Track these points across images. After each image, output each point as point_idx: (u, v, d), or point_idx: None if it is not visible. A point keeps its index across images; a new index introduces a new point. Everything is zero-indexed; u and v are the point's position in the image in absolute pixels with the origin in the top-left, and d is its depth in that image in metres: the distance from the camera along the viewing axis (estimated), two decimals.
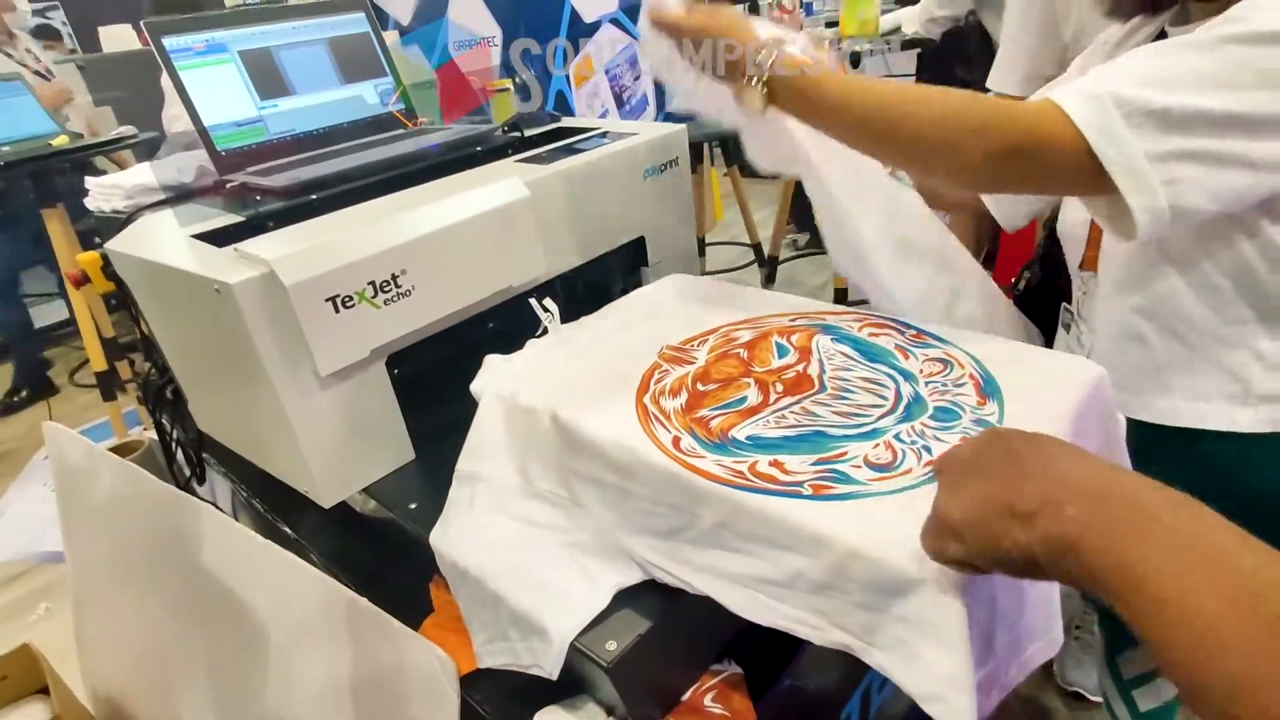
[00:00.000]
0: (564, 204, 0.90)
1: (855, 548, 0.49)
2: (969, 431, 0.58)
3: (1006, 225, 0.95)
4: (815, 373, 0.69)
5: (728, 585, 0.56)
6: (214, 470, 1.12)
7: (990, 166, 0.60)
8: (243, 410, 0.79)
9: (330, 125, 1.17)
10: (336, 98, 1.18)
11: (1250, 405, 0.69)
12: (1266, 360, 0.68)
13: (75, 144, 1.99)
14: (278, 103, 1.12)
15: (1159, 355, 0.71)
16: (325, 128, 1.16)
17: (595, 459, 0.63)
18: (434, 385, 0.84)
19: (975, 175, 0.63)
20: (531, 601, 0.61)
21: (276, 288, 0.66)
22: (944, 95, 0.61)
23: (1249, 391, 0.69)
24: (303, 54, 1.16)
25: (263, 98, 1.11)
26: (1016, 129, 0.58)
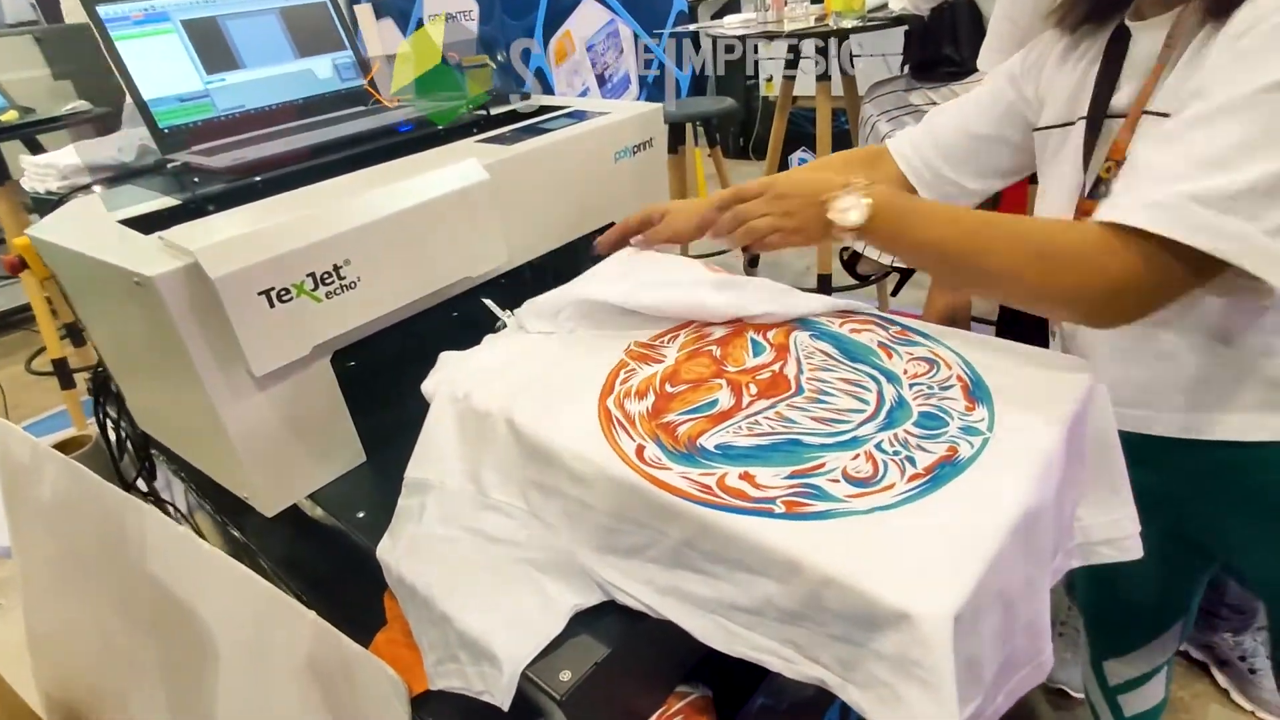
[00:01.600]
0: (528, 188, 0.84)
1: (831, 574, 0.44)
2: (957, 441, 0.53)
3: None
4: (792, 373, 0.64)
5: (693, 610, 0.51)
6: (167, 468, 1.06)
7: (1100, 309, 0.59)
8: (177, 411, 0.73)
9: (284, 101, 1.09)
10: (291, 72, 1.11)
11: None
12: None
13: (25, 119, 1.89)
14: (225, 77, 1.05)
15: (1189, 369, 0.67)
16: (278, 104, 1.09)
17: (553, 469, 0.58)
18: (388, 383, 0.78)
19: (1086, 317, 0.62)
20: (482, 624, 0.56)
21: (203, 280, 0.59)
22: (1021, 243, 0.60)
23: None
24: (253, 24, 1.08)
25: (209, 71, 1.04)
26: (1112, 268, 0.55)
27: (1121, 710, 0.95)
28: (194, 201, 0.79)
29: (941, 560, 0.43)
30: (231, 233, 0.64)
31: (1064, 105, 0.72)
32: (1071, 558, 0.61)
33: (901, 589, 0.42)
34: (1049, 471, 0.51)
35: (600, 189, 0.93)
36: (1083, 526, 0.60)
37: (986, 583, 0.43)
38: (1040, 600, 0.52)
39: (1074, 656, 1.28)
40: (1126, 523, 0.60)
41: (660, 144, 0.98)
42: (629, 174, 0.96)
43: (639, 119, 0.94)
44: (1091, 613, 0.95)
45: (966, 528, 0.46)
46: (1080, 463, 0.58)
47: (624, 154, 0.94)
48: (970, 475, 0.50)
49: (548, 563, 0.59)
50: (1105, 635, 0.93)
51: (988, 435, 0.54)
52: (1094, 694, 0.98)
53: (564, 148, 0.87)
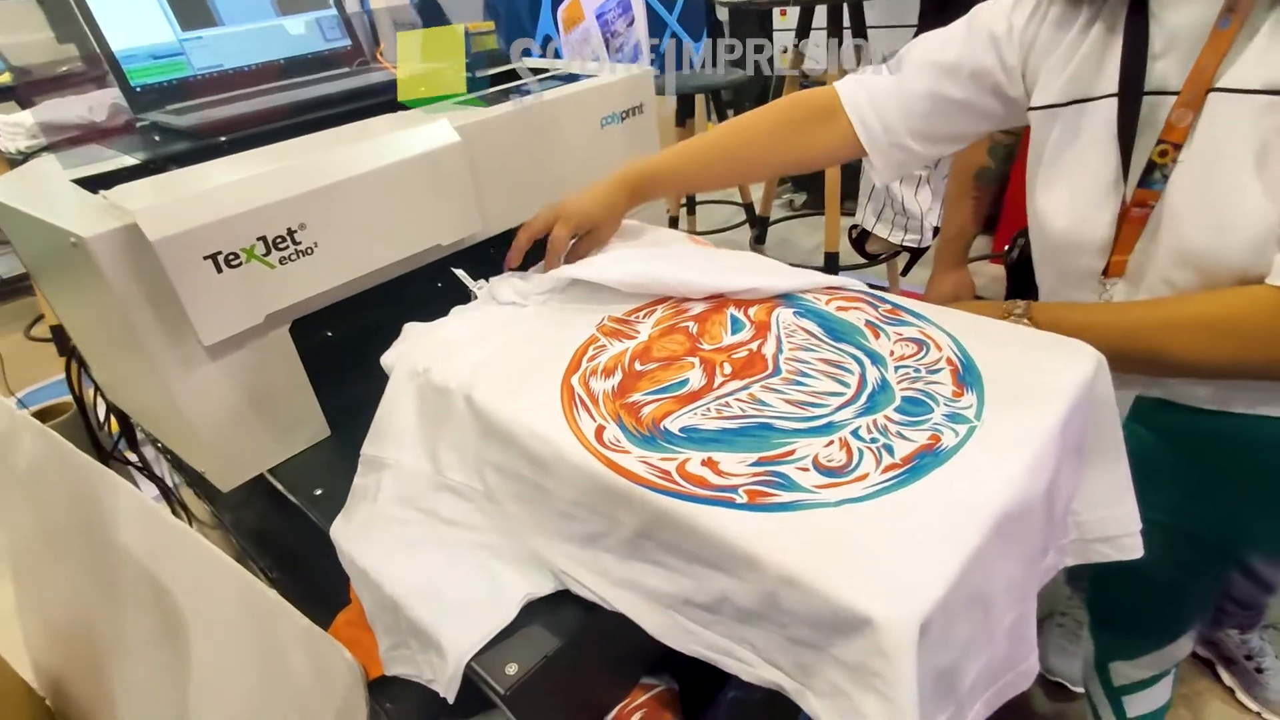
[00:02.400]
0: (506, 153, 0.79)
1: (790, 572, 0.40)
2: (940, 429, 0.49)
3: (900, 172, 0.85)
4: (770, 352, 0.60)
5: (648, 605, 0.48)
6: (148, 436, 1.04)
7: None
8: (130, 381, 0.71)
9: (264, 61, 1.05)
10: (271, 30, 1.06)
11: None
12: None
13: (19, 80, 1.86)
14: (202, 34, 1.00)
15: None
16: (257, 64, 1.04)
17: (510, 449, 0.55)
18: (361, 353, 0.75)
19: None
20: (430, 612, 0.53)
21: (144, 243, 0.56)
22: (1196, 331, 0.58)
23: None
24: None
25: (185, 28, 0.99)
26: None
27: (1125, 711, 0.91)
28: (154, 161, 0.75)
29: (911, 560, 0.40)
30: (180, 193, 0.60)
31: (1068, 81, 0.65)
32: (1065, 555, 0.56)
33: (865, 591, 0.38)
34: (1039, 463, 0.47)
35: (586, 155, 0.88)
36: (1079, 522, 0.56)
37: (962, 585, 0.39)
38: (1026, 603, 0.48)
39: (1073, 648, 1.24)
40: (1126, 519, 0.56)
41: (650, 110, 0.93)
42: (617, 140, 0.91)
43: (627, 83, 0.89)
44: (1101, 614, 0.90)
45: (942, 524, 0.42)
46: (1077, 454, 0.54)
47: (611, 120, 0.90)
48: (952, 467, 0.46)
49: (502, 548, 0.55)
50: (1115, 637, 0.89)
51: (974, 423, 0.49)
52: (1096, 691, 0.94)
53: (545, 111, 0.82)
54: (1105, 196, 0.63)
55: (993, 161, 0.94)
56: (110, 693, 0.91)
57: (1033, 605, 0.49)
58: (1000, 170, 0.94)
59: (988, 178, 0.95)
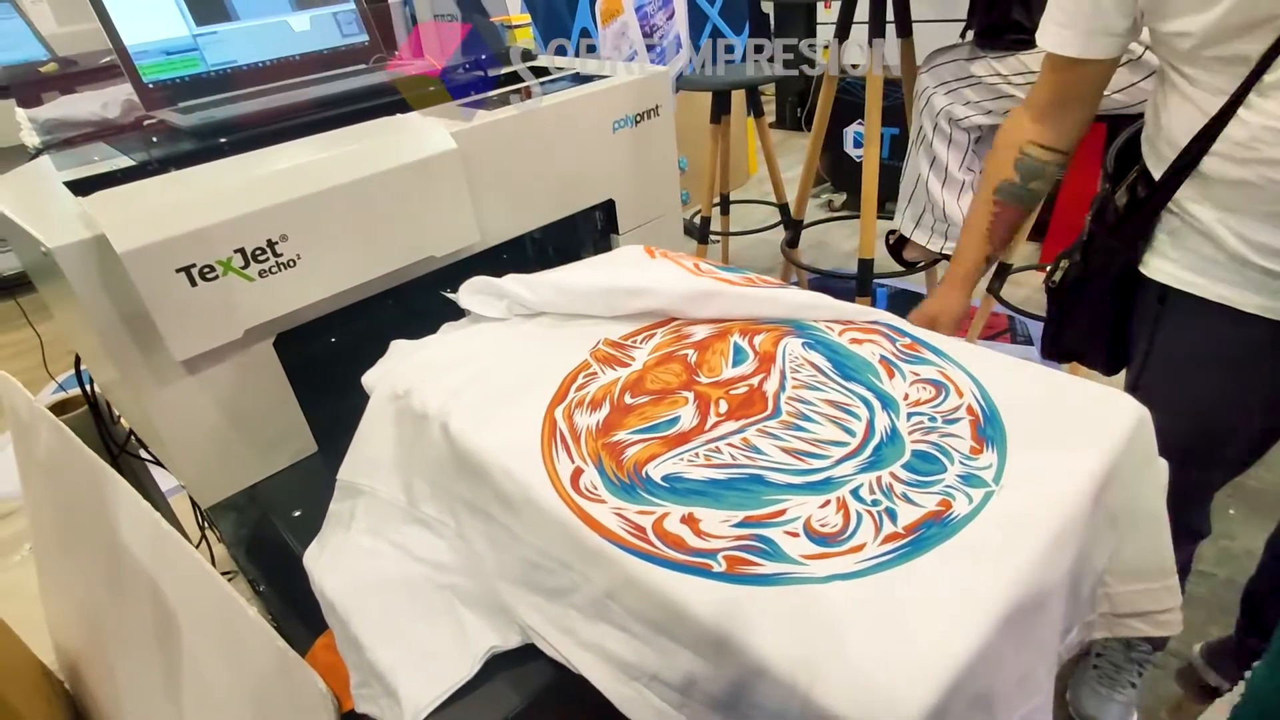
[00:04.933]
0: (508, 159, 0.75)
1: (763, 662, 0.35)
2: (952, 493, 0.44)
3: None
4: (772, 389, 0.55)
5: (614, 674, 0.44)
6: None
7: None
8: (113, 388, 0.69)
9: (279, 58, 1.03)
10: (288, 25, 1.04)
11: None
12: None
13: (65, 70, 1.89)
14: (217, 30, 0.99)
15: None
16: (272, 60, 1.02)
17: (482, 486, 0.51)
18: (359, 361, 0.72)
19: None
20: (391, 658, 0.49)
21: (114, 254, 0.54)
22: None
23: None
24: None
25: (199, 23, 0.98)
26: None
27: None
28: (151, 163, 0.73)
29: (903, 660, 0.34)
30: (156, 201, 0.57)
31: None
32: (1092, 630, 0.50)
33: (845, 695, 0.33)
34: (1063, 540, 0.41)
35: (596, 161, 0.84)
36: (1109, 594, 0.50)
37: (962, 689, 0.34)
38: (1041, 694, 0.42)
39: (1108, 691, 1.16)
40: (1164, 594, 0.50)
41: (666, 112, 0.88)
42: (630, 145, 0.86)
43: (641, 84, 0.84)
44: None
45: (943, 616, 0.36)
46: (1112, 523, 0.48)
47: (624, 123, 0.85)
48: (960, 541, 0.40)
49: (470, 593, 0.52)
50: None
51: (992, 488, 0.44)
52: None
53: (550, 115, 0.78)
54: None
55: (1018, 176, 0.85)
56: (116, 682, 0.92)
57: (1049, 694, 0.43)
58: (1023, 191, 0.85)
59: (1009, 194, 0.86)
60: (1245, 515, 1.34)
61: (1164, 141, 0.68)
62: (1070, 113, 0.76)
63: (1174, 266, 0.70)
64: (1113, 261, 0.76)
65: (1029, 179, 0.79)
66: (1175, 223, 0.69)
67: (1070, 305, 0.83)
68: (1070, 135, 0.77)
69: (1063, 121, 0.76)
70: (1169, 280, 0.71)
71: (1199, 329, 0.70)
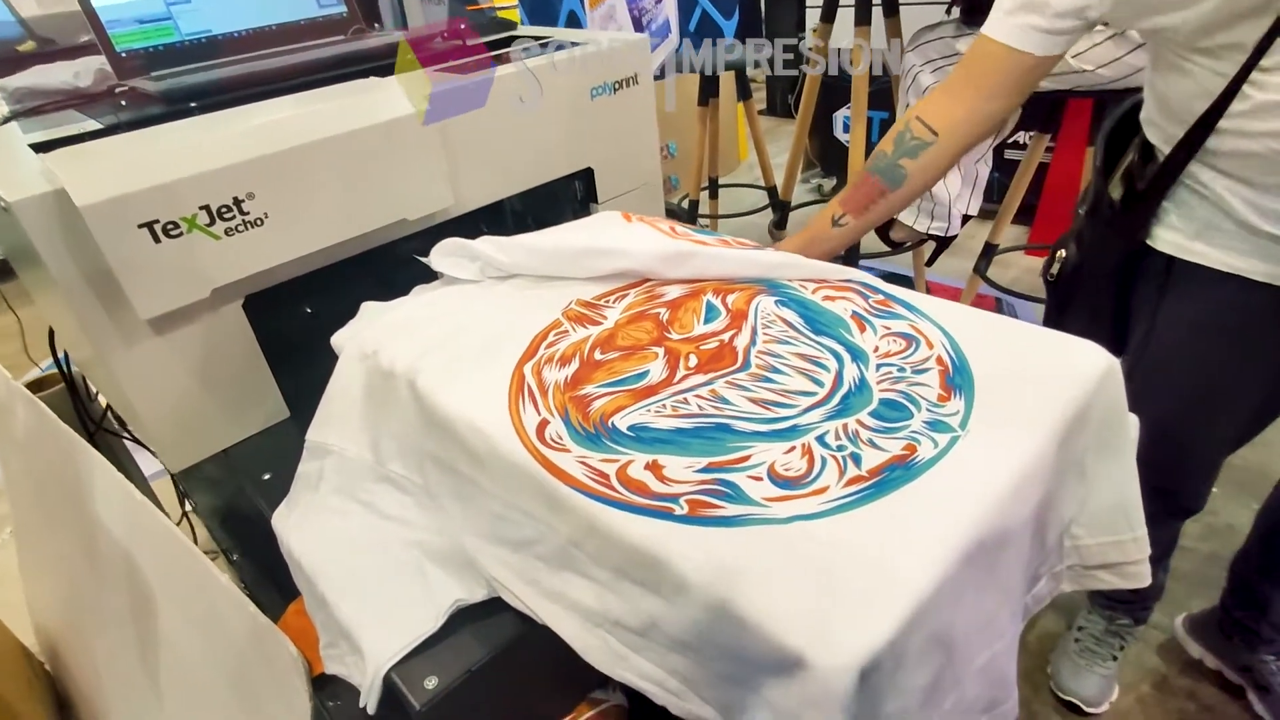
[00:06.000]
0: (483, 123, 0.74)
1: (721, 600, 0.35)
2: (918, 438, 0.43)
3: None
4: (743, 344, 0.54)
5: (577, 621, 0.43)
6: None
7: None
8: (83, 354, 0.68)
9: (256, 27, 1.02)
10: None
11: None
12: None
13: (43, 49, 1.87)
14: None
15: None
16: (248, 30, 1.01)
17: (448, 441, 0.50)
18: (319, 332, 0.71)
19: None
20: (356, 615, 0.49)
21: (75, 209, 0.53)
22: None
23: None
24: None
25: None
26: None
27: None
28: (120, 126, 0.72)
29: (860, 593, 0.34)
30: (122, 157, 0.56)
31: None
32: (1060, 582, 0.50)
33: (801, 628, 0.33)
34: (1028, 483, 0.41)
35: (574, 128, 0.83)
36: (1078, 546, 0.50)
37: (919, 625, 0.34)
38: (1003, 639, 0.42)
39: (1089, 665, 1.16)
40: (1132, 547, 0.49)
41: (645, 80, 0.87)
42: (608, 113, 0.85)
43: (620, 52, 0.83)
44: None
45: (902, 551, 0.36)
46: (1079, 472, 0.47)
47: (603, 90, 0.84)
48: (924, 483, 0.40)
49: (437, 548, 0.51)
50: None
51: (958, 433, 0.44)
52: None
53: (527, 80, 0.77)
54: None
55: (891, 147, 0.75)
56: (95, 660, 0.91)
57: (1013, 640, 0.43)
58: (890, 166, 0.74)
59: (876, 165, 0.76)
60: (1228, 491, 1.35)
61: (1168, 117, 0.67)
62: (974, 98, 0.70)
63: (1180, 237, 0.69)
64: (1111, 253, 0.75)
65: (899, 154, 0.73)
66: (1184, 193, 0.68)
67: (1069, 296, 0.83)
68: (961, 123, 0.71)
69: (962, 104, 0.70)
70: (1176, 251, 0.70)
71: (1205, 297, 0.69)
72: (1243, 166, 0.61)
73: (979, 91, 0.69)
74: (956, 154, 0.74)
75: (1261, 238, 0.63)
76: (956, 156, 0.75)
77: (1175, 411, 0.75)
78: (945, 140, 0.71)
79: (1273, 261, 0.63)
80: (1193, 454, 0.81)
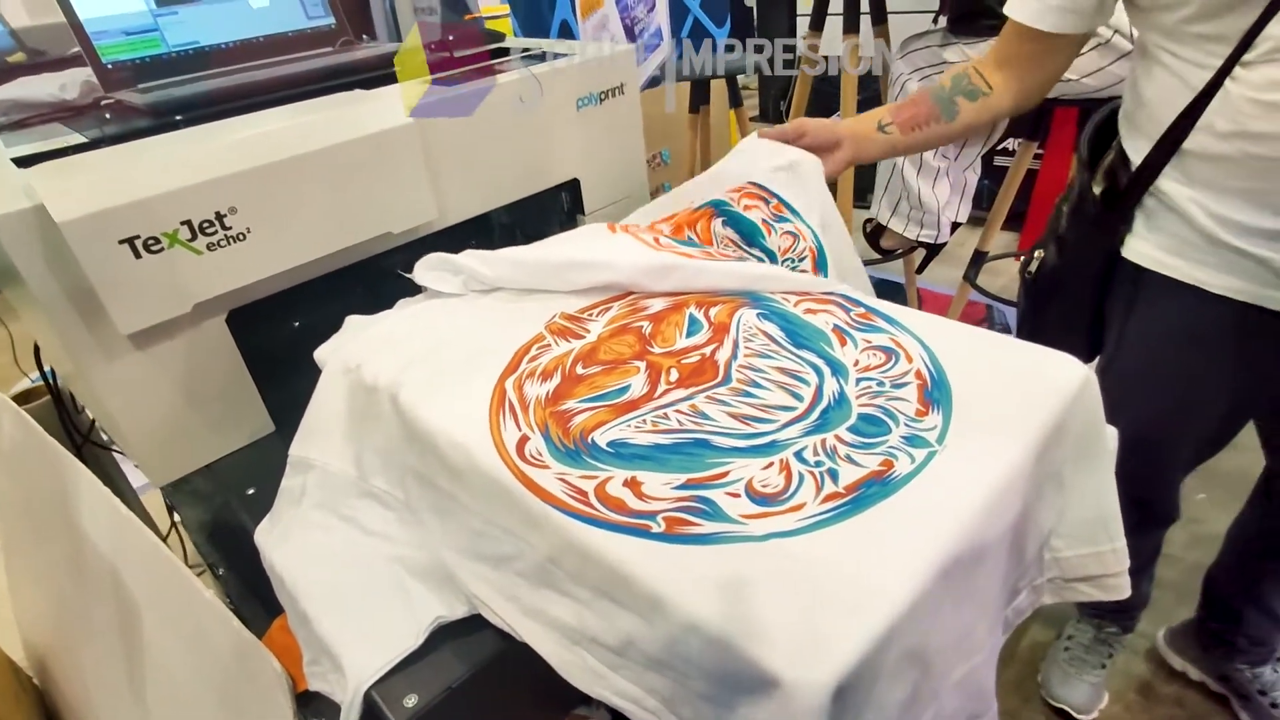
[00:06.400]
0: (467, 135, 0.75)
1: (695, 618, 0.35)
2: (895, 454, 0.44)
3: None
4: (724, 358, 0.54)
5: (557, 639, 0.43)
6: None
7: None
8: (66, 368, 0.68)
9: (243, 39, 1.02)
10: (252, 7, 1.03)
11: None
12: None
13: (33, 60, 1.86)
14: (178, 10, 0.97)
15: None
16: (235, 41, 1.01)
17: (429, 456, 0.50)
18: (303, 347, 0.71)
19: None
20: (337, 631, 0.49)
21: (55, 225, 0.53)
22: None
23: None
24: None
25: (160, 3, 0.96)
26: None
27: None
28: (104, 140, 0.72)
29: (835, 610, 0.34)
30: (102, 172, 0.56)
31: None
32: (1040, 595, 0.51)
33: (775, 646, 0.33)
34: (1004, 498, 0.41)
35: (560, 139, 0.83)
36: (1058, 559, 0.50)
37: (894, 642, 0.34)
38: (981, 652, 0.42)
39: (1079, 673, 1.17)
40: (1111, 559, 0.50)
41: (631, 90, 0.88)
42: (594, 123, 0.86)
43: (605, 62, 0.84)
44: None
45: (878, 567, 0.36)
46: (1057, 484, 0.48)
47: (589, 101, 0.84)
48: (900, 499, 0.40)
49: (418, 564, 0.51)
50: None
51: (935, 448, 0.44)
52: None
53: (512, 91, 0.77)
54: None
55: (949, 82, 0.81)
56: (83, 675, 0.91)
57: (991, 653, 0.44)
58: (945, 98, 0.80)
59: (933, 92, 0.81)
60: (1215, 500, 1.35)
61: (1146, 117, 0.68)
62: (1018, 75, 0.76)
63: (1149, 247, 0.70)
64: (1093, 250, 0.76)
65: (956, 91, 0.78)
66: (1151, 203, 0.69)
67: (1047, 297, 0.83)
68: (1011, 90, 0.77)
69: (1008, 78, 0.77)
70: (1144, 261, 0.71)
71: (1171, 309, 0.71)
72: (1212, 171, 0.62)
73: (1025, 69, 0.75)
74: (1004, 114, 0.80)
75: (1223, 250, 0.64)
76: (1003, 115, 0.81)
77: (1146, 421, 0.76)
78: (997, 97, 0.78)
79: (1234, 275, 0.64)
80: (1166, 463, 0.81)
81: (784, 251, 0.70)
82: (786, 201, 0.74)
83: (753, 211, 0.73)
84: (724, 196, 0.74)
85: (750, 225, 0.72)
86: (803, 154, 0.77)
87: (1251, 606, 0.97)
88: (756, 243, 0.71)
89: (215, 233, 0.59)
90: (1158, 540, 0.97)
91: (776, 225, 0.72)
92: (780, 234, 0.71)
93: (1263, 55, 0.57)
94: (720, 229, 0.72)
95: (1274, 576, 0.93)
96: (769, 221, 0.72)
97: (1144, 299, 0.73)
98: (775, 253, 0.70)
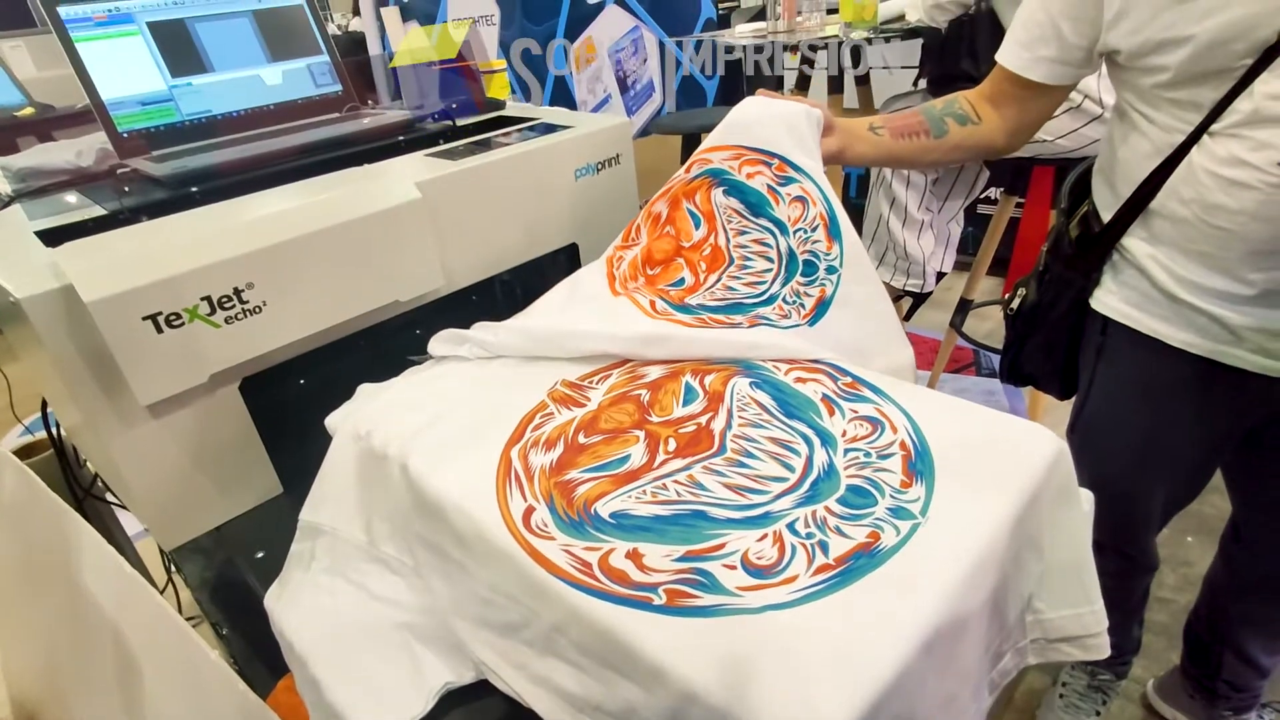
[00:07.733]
0: (473, 206, 0.78)
1: (695, 690, 0.37)
2: (881, 525, 0.46)
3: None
4: (719, 428, 0.57)
5: (563, 708, 0.45)
6: None
7: None
8: (79, 431, 0.70)
9: (253, 107, 1.06)
10: (262, 77, 1.07)
11: None
12: None
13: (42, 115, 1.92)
14: (192, 80, 1.02)
15: None
16: (246, 109, 1.05)
17: (437, 524, 0.53)
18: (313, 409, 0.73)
19: None
20: (346, 696, 0.50)
21: (82, 303, 0.55)
22: None
23: None
24: (223, 27, 1.05)
25: (174, 74, 1.01)
26: None
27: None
28: (123, 212, 0.75)
29: (827, 681, 0.37)
30: (125, 251, 0.59)
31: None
32: (1024, 656, 0.53)
33: (769, 718, 0.35)
34: (982, 569, 0.44)
35: (559, 207, 0.87)
36: (1040, 621, 0.53)
37: (883, 710, 0.36)
38: (966, 715, 0.44)
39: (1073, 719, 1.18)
40: (1090, 620, 0.52)
41: (627, 160, 0.92)
42: (592, 192, 0.90)
43: (603, 134, 0.88)
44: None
45: (867, 639, 0.39)
46: (1035, 550, 0.50)
47: (586, 171, 0.89)
48: (886, 571, 0.43)
49: (426, 630, 0.53)
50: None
51: (919, 520, 0.46)
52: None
53: (515, 164, 0.81)
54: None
55: (940, 104, 0.83)
56: None
57: (977, 715, 0.46)
58: (936, 117, 0.83)
59: (924, 110, 0.84)
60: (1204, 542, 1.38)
61: (1119, 176, 0.72)
62: (1005, 114, 0.80)
63: (1114, 299, 0.74)
64: (1066, 292, 0.80)
65: (947, 112, 0.82)
66: (1117, 258, 0.74)
67: (1026, 332, 0.87)
68: (999, 128, 0.81)
69: (997, 115, 0.80)
70: (1110, 313, 0.75)
71: (1135, 361, 0.74)
72: (1174, 232, 0.66)
73: (1008, 109, 0.79)
74: (993, 150, 0.83)
75: (1181, 306, 0.67)
76: (992, 152, 0.84)
77: (1116, 472, 0.79)
78: (986, 130, 0.81)
79: (1191, 330, 0.68)
80: (1137, 511, 0.84)
81: (794, 221, 0.68)
82: (789, 160, 0.70)
83: (756, 179, 0.70)
84: (722, 165, 0.72)
85: (756, 194, 0.70)
86: (798, 105, 0.75)
87: (1229, 652, 0.99)
88: (764, 213, 0.69)
89: (233, 306, 0.62)
90: (1145, 586, 0.99)
91: (782, 190, 0.69)
92: (789, 201, 0.68)
93: (1228, 127, 0.60)
94: (722, 199, 0.71)
95: (1248, 622, 0.95)
96: (774, 187, 0.70)
97: (1110, 348, 0.77)
98: (785, 223, 0.68)
